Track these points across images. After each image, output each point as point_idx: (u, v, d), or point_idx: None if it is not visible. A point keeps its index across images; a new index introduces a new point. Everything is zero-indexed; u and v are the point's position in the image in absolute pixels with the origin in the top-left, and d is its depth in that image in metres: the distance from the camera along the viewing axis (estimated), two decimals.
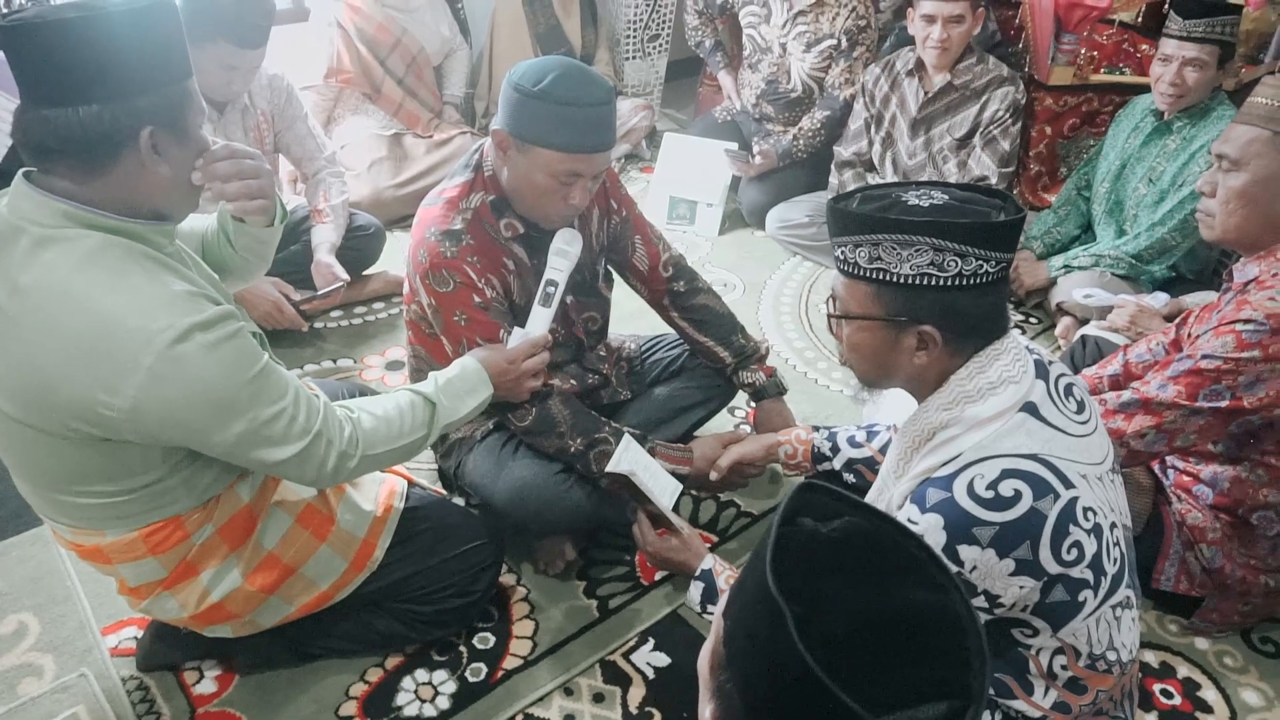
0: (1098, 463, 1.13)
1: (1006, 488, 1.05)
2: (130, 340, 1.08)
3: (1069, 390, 1.16)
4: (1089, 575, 1.08)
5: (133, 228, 1.14)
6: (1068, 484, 1.06)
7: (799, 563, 0.64)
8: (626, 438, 1.63)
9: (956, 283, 1.06)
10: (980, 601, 1.08)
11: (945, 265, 1.05)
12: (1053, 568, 1.06)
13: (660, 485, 1.60)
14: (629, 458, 1.58)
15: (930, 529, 1.06)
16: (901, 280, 1.08)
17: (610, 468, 1.57)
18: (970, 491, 1.06)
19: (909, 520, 1.09)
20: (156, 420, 1.12)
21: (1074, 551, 1.06)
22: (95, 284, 1.09)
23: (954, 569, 1.05)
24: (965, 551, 1.05)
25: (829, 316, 1.20)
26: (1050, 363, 1.17)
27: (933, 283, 1.06)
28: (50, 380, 1.10)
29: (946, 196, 1.10)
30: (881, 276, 1.09)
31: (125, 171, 1.12)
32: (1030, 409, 1.10)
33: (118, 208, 1.13)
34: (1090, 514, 1.07)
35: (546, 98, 1.44)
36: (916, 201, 1.09)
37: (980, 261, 1.05)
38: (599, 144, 1.50)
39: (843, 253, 1.13)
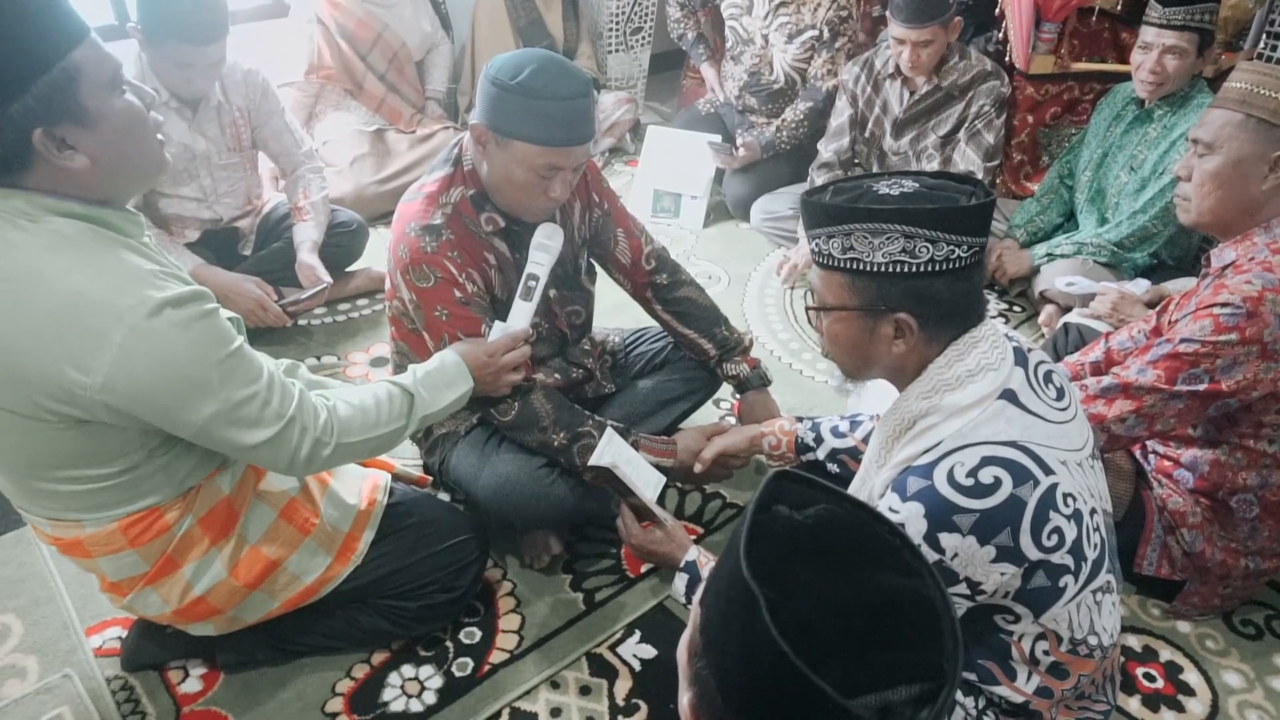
0: (1078, 449, 1.13)
1: (986, 475, 1.05)
2: (101, 316, 1.07)
3: (1048, 377, 1.17)
4: (1069, 561, 1.09)
5: (101, 214, 1.13)
6: (1047, 470, 1.07)
7: (773, 549, 0.64)
8: (609, 431, 1.62)
9: (929, 268, 1.07)
10: (962, 589, 1.09)
11: (916, 251, 1.06)
12: (1033, 554, 1.06)
13: (644, 478, 1.60)
14: (611, 451, 1.58)
15: (911, 517, 1.07)
16: (875, 268, 1.08)
17: (593, 461, 1.56)
18: (950, 479, 1.06)
19: (890, 509, 1.09)
20: (128, 397, 1.11)
21: (1054, 537, 1.07)
22: (65, 263, 1.08)
23: (935, 556, 1.06)
24: (946, 539, 1.06)
25: (807, 309, 1.22)
26: (1029, 350, 1.18)
27: (905, 269, 1.07)
28: (23, 360, 1.09)
29: (916, 185, 1.10)
30: (855, 266, 1.10)
31: (45, 174, 1.08)
32: (1009, 396, 1.10)
33: (75, 196, 1.11)
34: (1070, 500, 1.08)
35: (524, 91, 1.44)
36: (887, 190, 1.10)
37: (951, 246, 1.06)
38: (578, 136, 1.49)
39: (817, 245, 1.14)
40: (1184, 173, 1.57)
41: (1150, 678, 1.64)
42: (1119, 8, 3.00)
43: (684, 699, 0.69)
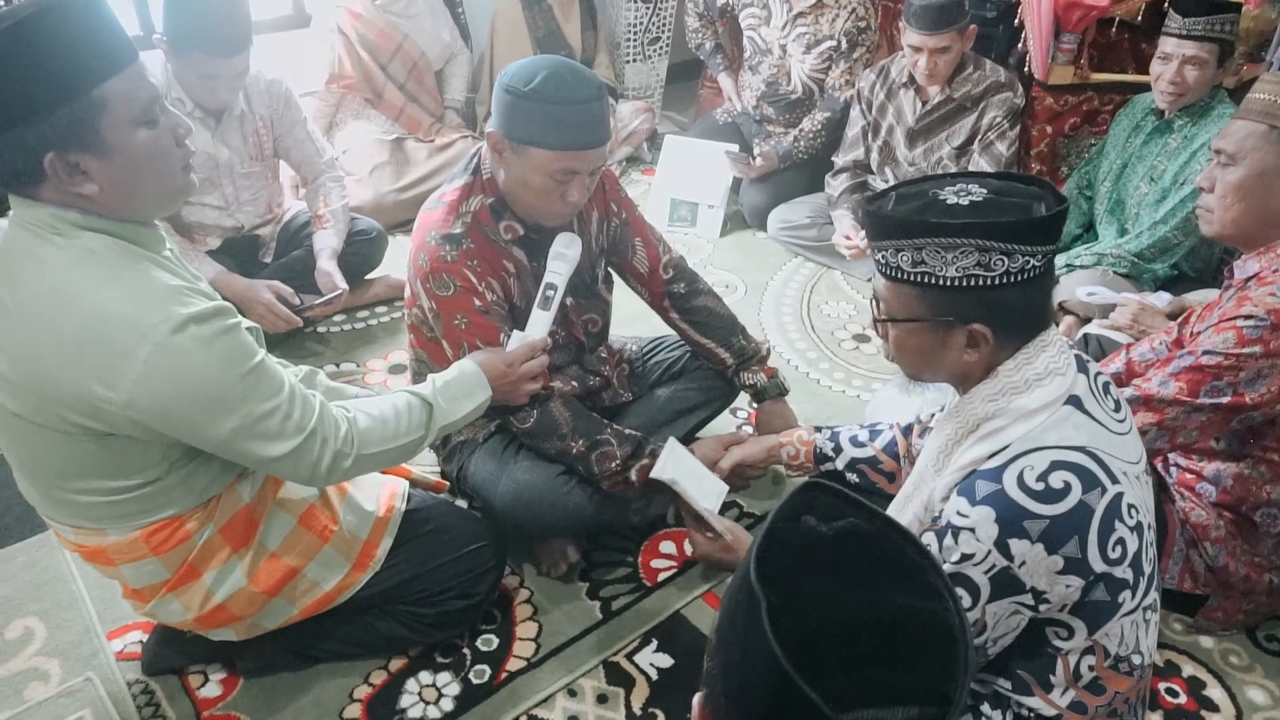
0: (1134, 462, 1.12)
1: (1056, 479, 1.04)
2: (126, 333, 1.09)
3: (1106, 388, 1.16)
4: (1129, 575, 1.08)
5: (122, 229, 1.14)
6: (1114, 479, 1.06)
7: (790, 557, 0.65)
8: (671, 441, 1.61)
9: (1004, 280, 1.04)
10: (1027, 599, 1.07)
11: (991, 265, 1.03)
12: (1099, 565, 1.05)
13: (704, 488, 1.59)
14: (673, 463, 1.57)
15: (982, 522, 1.05)
16: (948, 283, 1.06)
17: (655, 474, 1.57)
18: (1020, 483, 1.05)
19: (958, 513, 1.07)
20: (152, 413, 1.13)
21: (1118, 549, 1.05)
22: (90, 279, 1.09)
23: (1004, 563, 1.04)
24: (1016, 545, 1.04)
25: (875, 321, 1.18)
26: (1087, 360, 1.17)
27: (979, 283, 1.04)
28: (49, 375, 1.10)
29: (985, 190, 1.07)
30: (926, 280, 1.07)
31: (55, 194, 1.09)
32: (1075, 402, 1.09)
33: (93, 213, 1.11)
34: (1134, 511, 1.07)
35: (537, 97, 1.44)
36: (955, 200, 1.07)
37: (1026, 258, 1.03)
38: (592, 140, 1.49)
39: (883, 256, 1.11)
40: (1207, 184, 1.56)
41: (1173, 693, 1.63)
42: (1139, 19, 2.99)
43: (696, 696, 0.69)
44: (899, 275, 1.09)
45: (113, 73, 1.06)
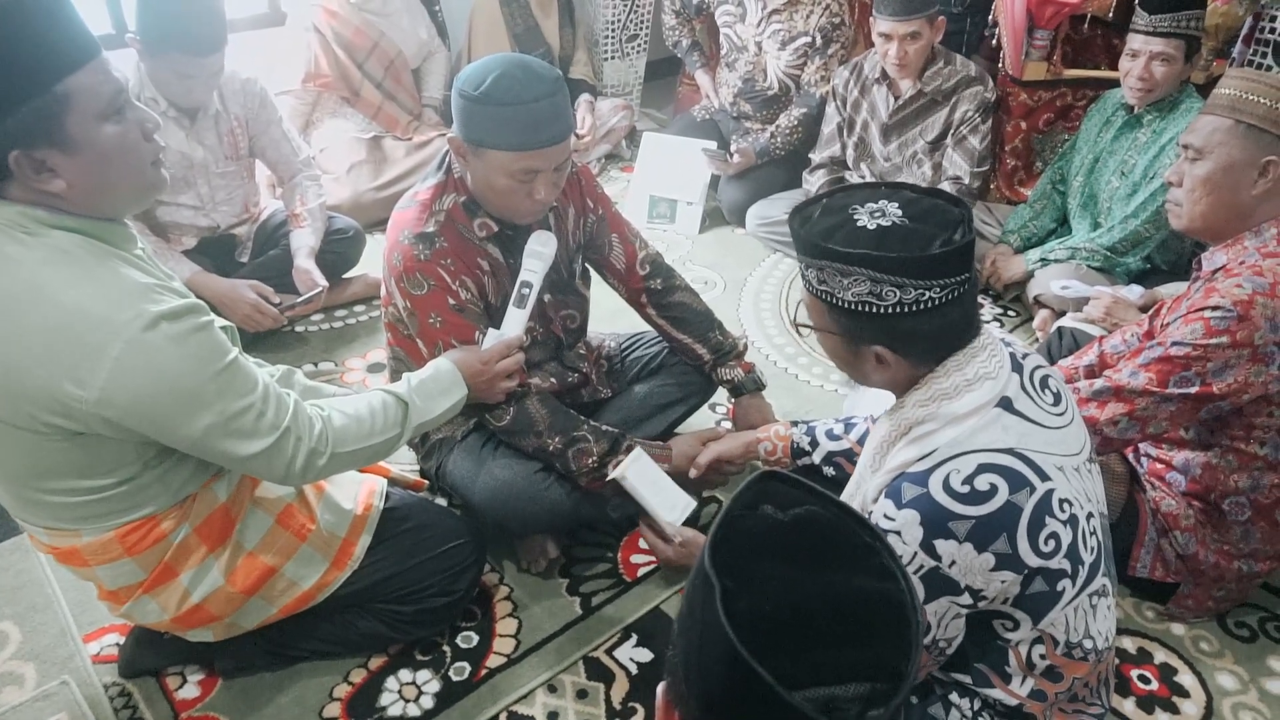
0: (1074, 453, 1.14)
1: (982, 482, 1.06)
2: (97, 330, 1.08)
3: (1044, 382, 1.17)
4: (1066, 565, 1.09)
5: (92, 227, 1.13)
6: (1044, 476, 1.07)
7: (746, 544, 0.66)
8: (638, 451, 1.62)
9: (897, 310, 1.06)
10: (964, 599, 1.09)
11: (884, 295, 1.06)
12: (1032, 560, 1.07)
13: (667, 499, 1.59)
14: (635, 471, 1.58)
15: (907, 524, 1.07)
16: (845, 305, 1.09)
17: (613, 474, 1.57)
18: (946, 486, 1.06)
19: (885, 515, 1.09)
20: (124, 411, 1.12)
21: (1051, 543, 1.07)
22: (60, 277, 1.08)
23: (933, 564, 1.06)
24: (942, 546, 1.06)
25: (794, 324, 1.23)
26: (1025, 355, 1.18)
27: (874, 310, 1.07)
28: (19, 373, 1.09)
29: (900, 213, 1.08)
30: (828, 299, 1.11)
31: (23, 192, 1.08)
32: (1005, 404, 1.11)
33: (62, 210, 1.10)
34: (1066, 505, 1.09)
35: (489, 100, 1.44)
36: (865, 222, 1.08)
37: (920, 290, 1.05)
38: (549, 138, 1.48)
39: (801, 269, 1.16)
40: (1175, 178, 1.58)
41: (1145, 680, 1.65)
42: (1111, 15, 3.03)
43: (660, 686, 0.70)
44: (810, 289, 1.14)
45: (76, 67, 1.04)
